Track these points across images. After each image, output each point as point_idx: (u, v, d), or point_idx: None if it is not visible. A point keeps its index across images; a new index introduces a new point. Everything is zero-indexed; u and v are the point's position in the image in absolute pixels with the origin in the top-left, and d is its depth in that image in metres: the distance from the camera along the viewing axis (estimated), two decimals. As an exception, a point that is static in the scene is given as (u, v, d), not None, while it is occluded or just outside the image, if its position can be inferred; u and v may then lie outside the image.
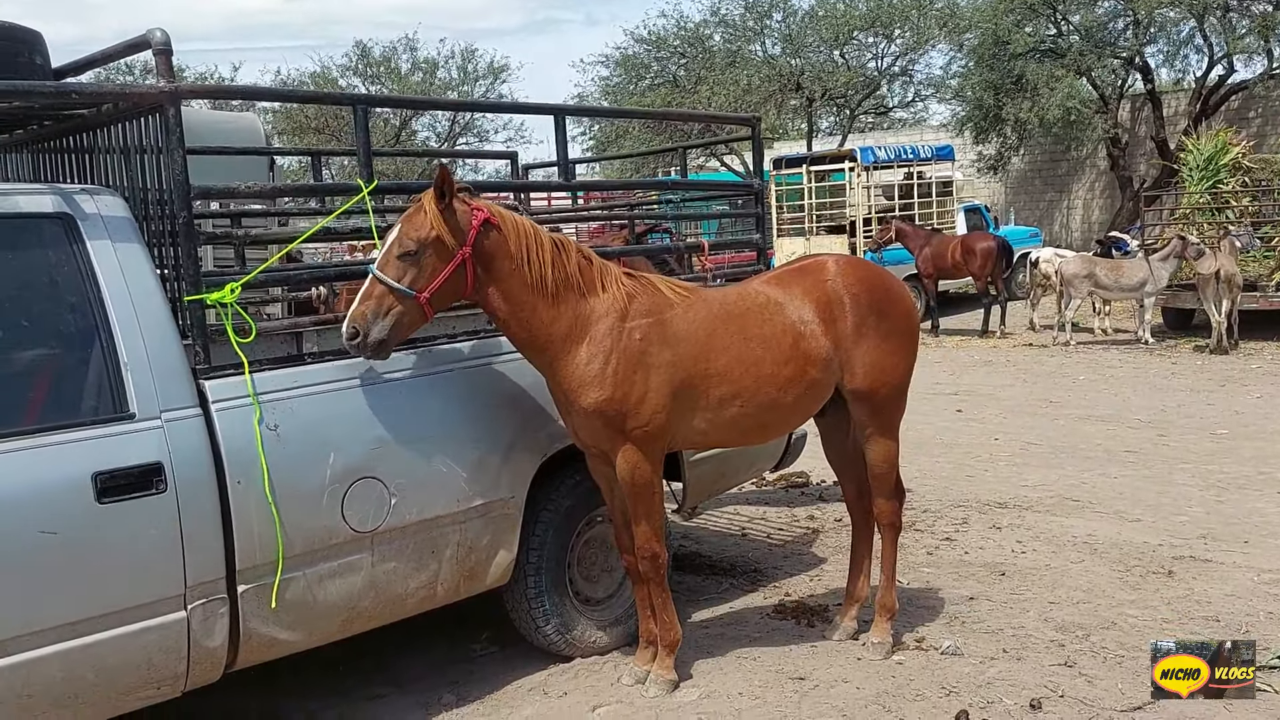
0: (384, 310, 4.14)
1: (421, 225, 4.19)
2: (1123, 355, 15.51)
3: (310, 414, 4.19)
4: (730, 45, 31.72)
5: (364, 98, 4.57)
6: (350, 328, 4.13)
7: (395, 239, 4.21)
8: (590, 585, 5.32)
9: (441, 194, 4.20)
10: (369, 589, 4.35)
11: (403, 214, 4.33)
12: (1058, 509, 7.73)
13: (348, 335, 4.13)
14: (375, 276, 4.17)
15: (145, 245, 4.03)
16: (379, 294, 4.16)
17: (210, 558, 3.89)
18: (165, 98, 3.93)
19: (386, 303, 4.15)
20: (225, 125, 10.11)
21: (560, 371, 4.47)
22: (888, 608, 5.22)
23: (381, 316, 4.14)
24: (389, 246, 4.21)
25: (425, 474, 4.45)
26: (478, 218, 4.28)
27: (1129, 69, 26.48)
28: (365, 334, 4.11)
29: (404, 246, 4.17)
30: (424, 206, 4.21)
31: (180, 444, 3.83)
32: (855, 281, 4.92)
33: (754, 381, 4.67)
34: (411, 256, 4.17)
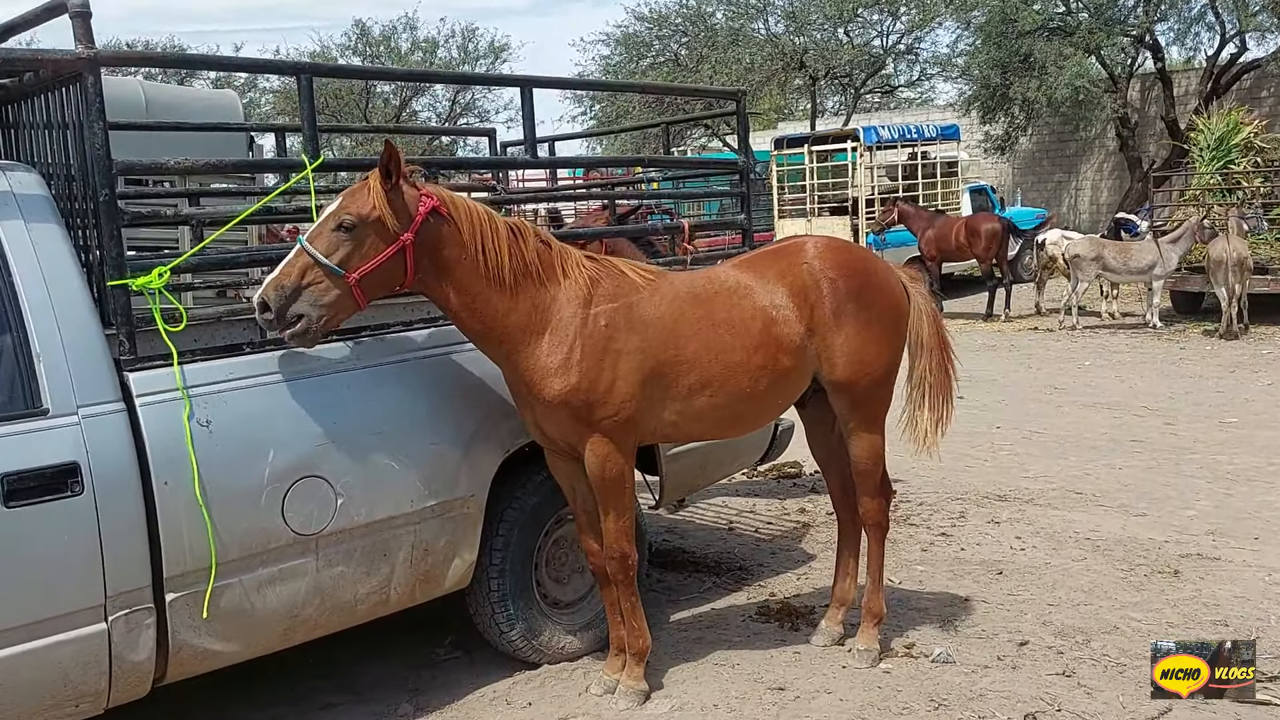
0: (305, 285, 3.80)
1: (363, 202, 3.87)
2: (1130, 340, 15.15)
3: (247, 408, 3.89)
4: (733, 23, 31.31)
5: (308, 66, 4.25)
6: (260, 298, 3.79)
7: (332, 211, 3.89)
8: (559, 587, 5.01)
9: (388, 173, 3.88)
10: (313, 596, 4.05)
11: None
12: (1060, 502, 7.41)
13: (258, 307, 3.80)
14: (302, 247, 3.82)
15: (64, 226, 3.72)
16: (302, 266, 3.81)
17: (133, 565, 3.60)
18: (84, 65, 3.61)
19: (310, 277, 3.80)
20: (200, 102, 9.81)
21: (521, 363, 4.16)
22: (874, 612, 4.91)
23: (301, 293, 3.79)
24: (324, 219, 3.89)
25: (375, 472, 4.15)
26: (425, 204, 3.96)
27: (1139, 47, 26.03)
28: (279, 310, 3.77)
29: (340, 220, 3.85)
30: (368, 183, 3.90)
31: (100, 442, 3.54)
32: (834, 265, 4.59)
33: (723, 369, 4.36)
34: (347, 232, 3.84)
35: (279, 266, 3.84)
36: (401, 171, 3.91)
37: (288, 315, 3.78)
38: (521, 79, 4.93)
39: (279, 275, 3.80)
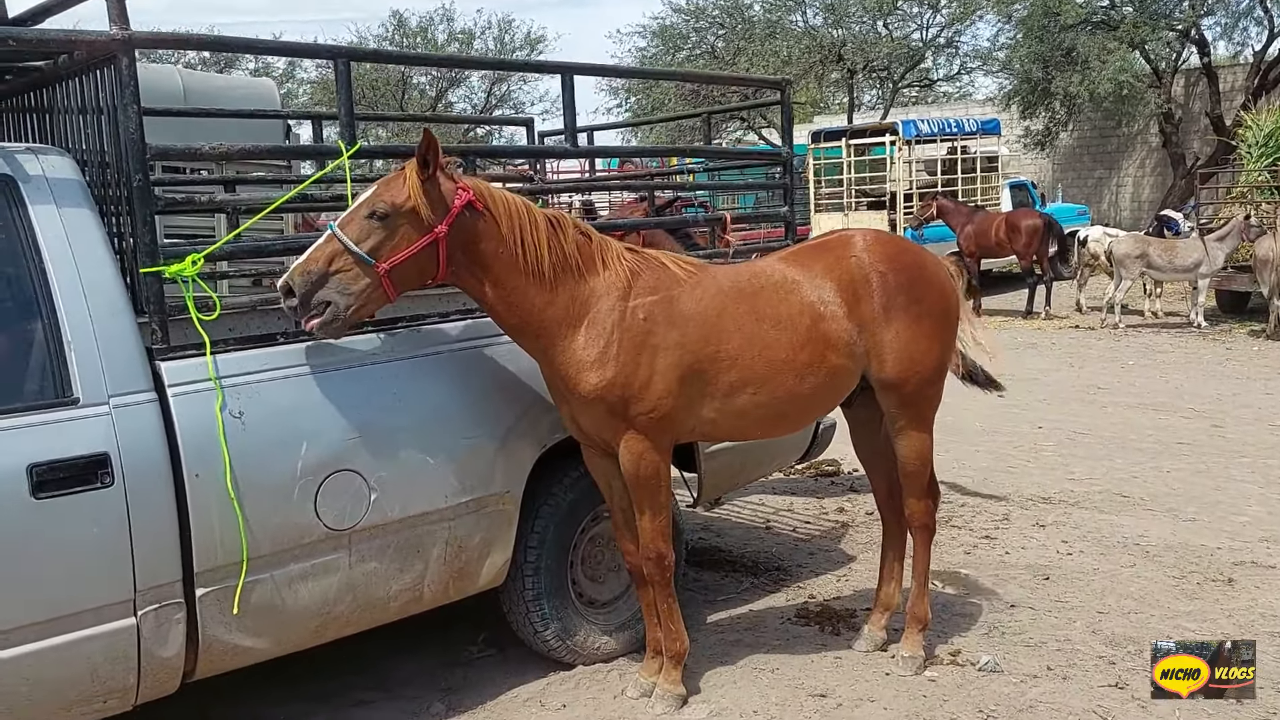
0: (333, 272, 3.67)
1: (398, 191, 3.75)
2: (1174, 339, 14.87)
3: (281, 400, 3.79)
4: (770, 15, 31.04)
5: (345, 50, 4.14)
6: (285, 283, 3.67)
7: (366, 198, 3.77)
8: (595, 586, 4.90)
9: (425, 163, 3.77)
10: (346, 592, 3.96)
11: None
12: (1106, 505, 7.23)
13: (281, 292, 3.68)
14: (333, 233, 3.70)
15: (97, 211, 3.63)
16: (331, 253, 3.68)
17: (164, 559, 3.51)
18: (118, 46, 3.51)
19: (339, 264, 3.68)
20: (238, 91, 9.74)
21: (557, 357, 4.05)
22: (920, 618, 4.77)
23: (329, 279, 3.67)
24: (357, 205, 3.78)
25: (410, 466, 4.05)
26: (461, 198, 3.84)
27: (1184, 42, 25.59)
28: (303, 296, 3.64)
29: (374, 207, 3.73)
30: (404, 172, 3.79)
31: (130, 432, 3.45)
32: (883, 258, 4.44)
33: (767, 367, 4.22)
34: (380, 220, 3.72)
35: (307, 251, 3.74)
36: (439, 162, 3.80)
37: (312, 302, 3.67)
38: (562, 65, 4.82)
39: (306, 260, 3.70)
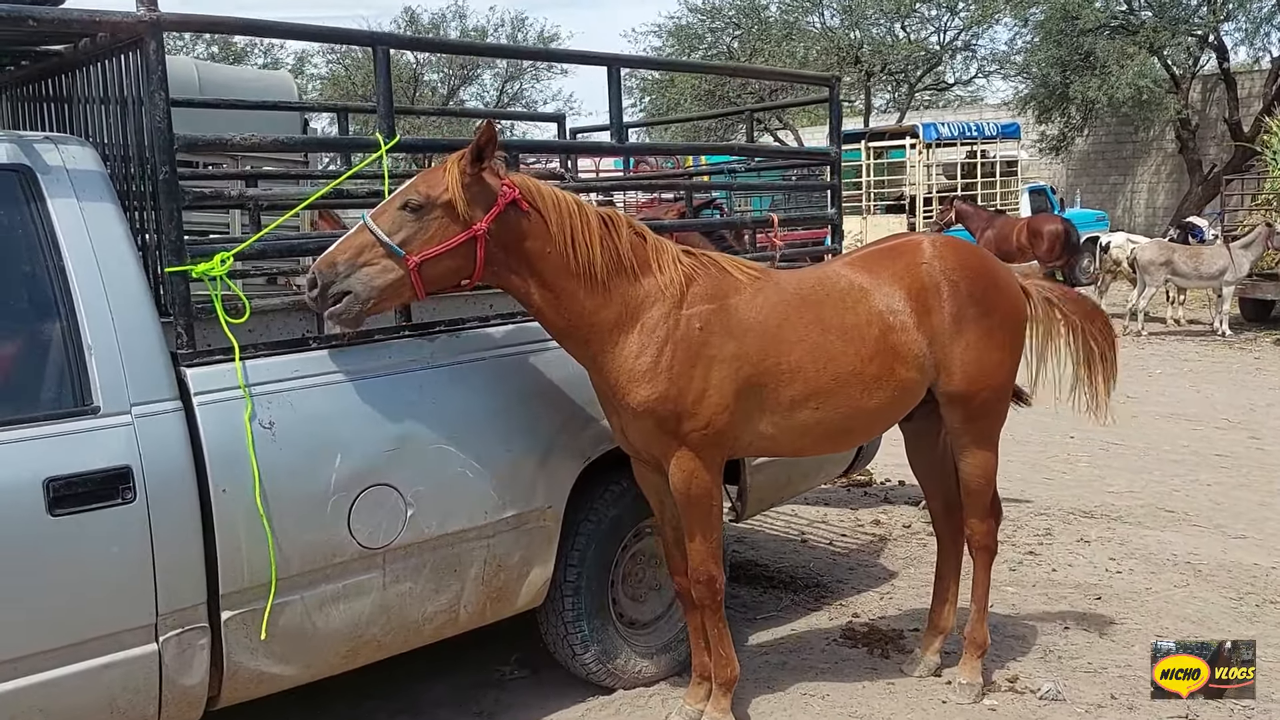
0: (361, 264, 3.45)
1: (436, 182, 3.52)
2: (1199, 347, 14.61)
3: (313, 409, 3.55)
4: (787, 16, 30.76)
5: (385, 36, 3.91)
6: (311, 275, 3.46)
7: (402, 190, 3.55)
8: (636, 606, 4.66)
9: (479, 156, 3.52)
10: (379, 614, 3.72)
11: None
12: (1150, 520, 6.98)
13: (306, 284, 3.49)
14: (364, 224, 3.49)
15: (119, 206, 3.39)
16: (361, 244, 3.47)
17: (188, 580, 3.27)
18: (145, 29, 3.27)
19: (367, 256, 3.45)
20: (255, 83, 9.53)
21: (606, 365, 3.80)
22: (978, 643, 4.52)
23: (356, 271, 3.44)
24: (392, 197, 3.56)
25: (448, 480, 3.81)
26: (506, 195, 3.58)
27: (1204, 47, 25.31)
28: (326, 286, 3.42)
29: (408, 198, 3.50)
30: (446, 164, 3.55)
31: (154, 444, 3.21)
32: (955, 266, 4.20)
33: (832, 380, 3.97)
34: (413, 212, 3.49)
35: (337, 242, 3.53)
36: (493, 156, 3.57)
37: (331, 293, 3.44)
38: (608, 57, 4.56)
39: (334, 251, 3.47)
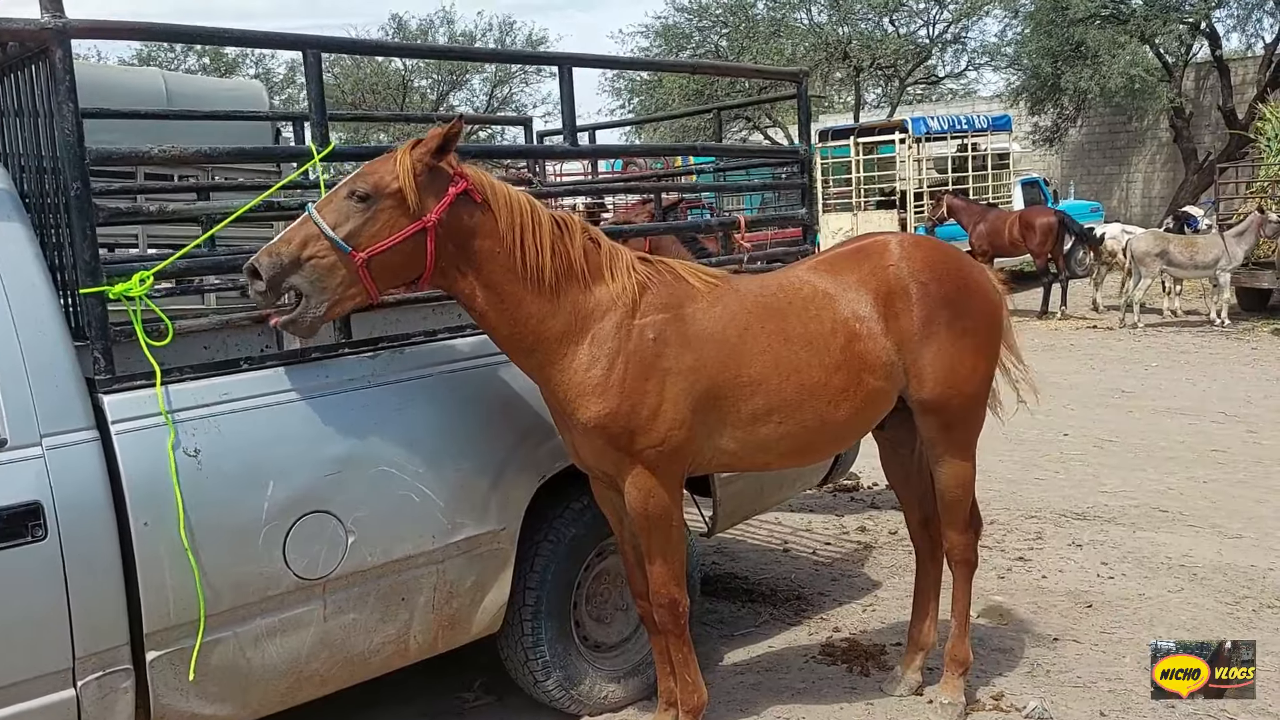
0: (306, 258, 3.24)
1: (385, 171, 3.32)
2: (1196, 339, 14.41)
3: (242, 434, 3.35)
4: (775, 13, 30.58)
5: (315, 40, 3.68)
6: (251, 264, 3.23)
7: (349, 179, 3.36)
8: (601, 628, 4.47)
9: (443, 148, 3.34)
10: (320, 648, 3.53)
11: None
12: (1145, 521, 6.78)
13: (247, 274, 3.25)
14: (309, 215, 3.29)
15: (28, 224, 3.20)
16: (304, 237, 3.26)
17: (107, 621, 3.09)
18: (50, 36, 3.09)
19: (311, 250, 3.25)
20: (224, 93, 9.33)
21: (554, 378, 3.60)
22: (959, 660, 4.33)
23: (301, 265, 3.23)
24: (339, 186, 3.36)
25: (392, 505, 3.62)
26: (457, 185, 3.39)
27: (1196, 35, 25.11)
28: (271, 279, 3.21)
29: (353, 188, 3.31)
30: (396, 153, 3.34)
31: (67, 477, 3.02)
32: (924, 267, 3.99)
33: (796, 392, 3.77)
34: (360, 202, 3.29)
35: (280, 234, 3.31)
36: (452, 149, 3.39)
37: (281, 287, 3.23)
38: (560, 56, 4.37)
39: (277, 242, 3.26)
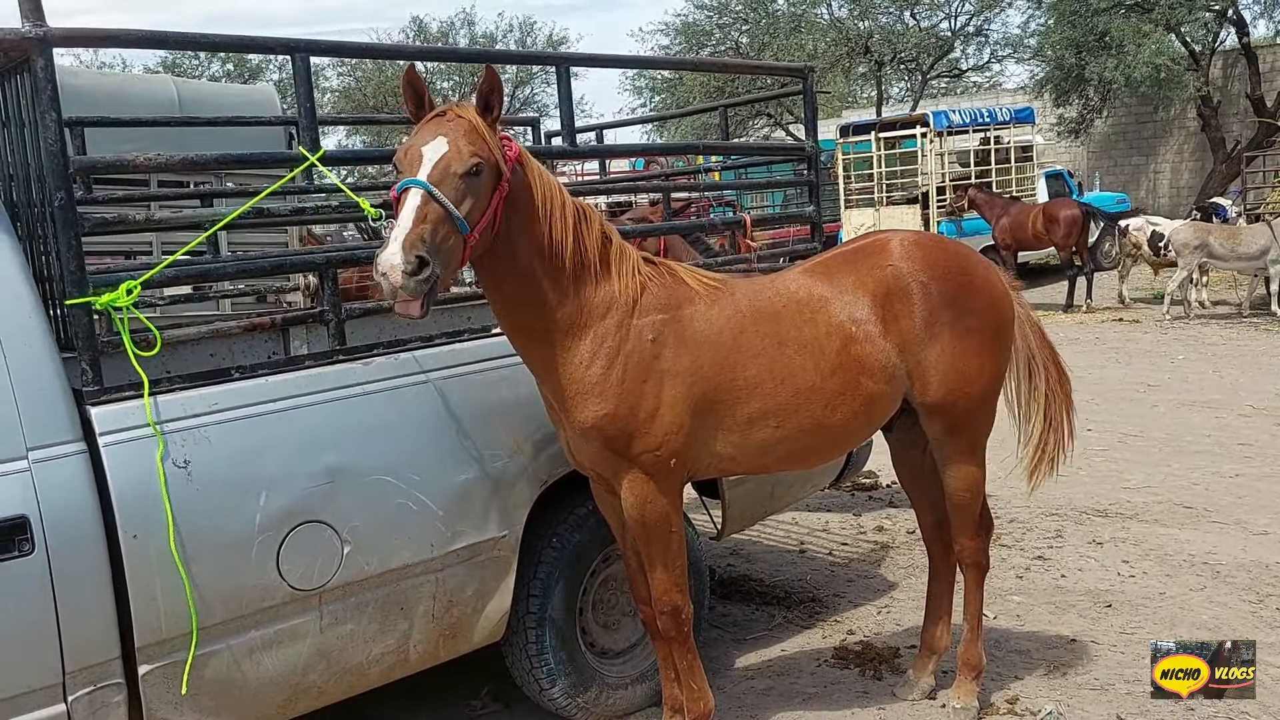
0: (439, 240, 2.96)
1: (476, 139, 3.07)
2: (1224, 331, 14.20)
3: (233, 444, 3.31)
4: (795, 9, 30.44)
5: (303, 44, 3.63)
6: (411, 257, 2.86)
7: (449, 152, 3.03)
8: (608, 634, 4.41)
9: (488, 105, 3.15)
10: (317, 659, 3.48)
11: (425, 122, 3.15)
12: (1168, 518, 6.66)
13: (410, 268, 2.86)
14: (429, 193, 2.96)
15: (14, 235, 3.17)
16: (436, 218, 2.96)
17: (97, 635, 3.05)
18: (31, 45, 3.06)
19: (443, 232, 2.97)
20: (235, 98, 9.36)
21: (555, 372, 3.50)
22: (972, 664, 4.24)
23: (439, 251, 2.95)
24: (441, 159, 3.02)
25: (389, 514, 3.57)
26: (512, 149, 3.25)
27: (1222, 22, 24.77)
28: (433, 266, 2.90)
29: (467, 163, 3.03)
30: (465, 116, 3.10)
31: (54, 490, 2.99)
32: (924, 266, 3.90)
33: (791, 396, 3.69)
34: (472, 180, 3.05)
35: (408, 215, 2.94)
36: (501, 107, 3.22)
37: (434, 276, 2.94)
38: (557, 56, 4.33)
39: (414, 228, 2.92)
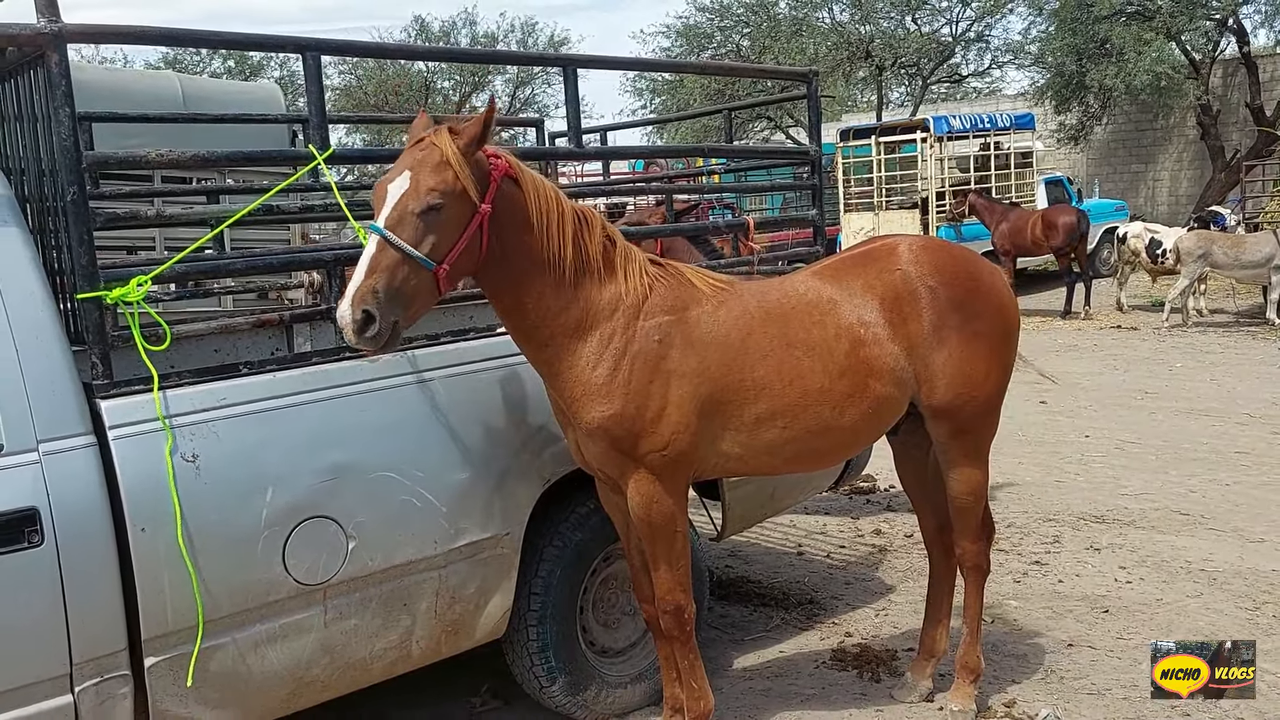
0: (398, 285, 3.08)
1: (442, 171, 3.16)
2: (1222, 339, 14.23)
3: (241, 439, 3.34)
4: (796, 12, 30.40)
5: (314, 42, 3.66)
6: (358, 313, 3.01)
7: (408, 190, 3.14)
8: (608, 633, 4.44)
9: (484, 138, 3.22)
10: (321, 654, 3.51)
11: (406, 150, 3.27)
12: (1165, 525, 6.69)
13: (356, 325, 3.01)
14: (384, 239, 3.09)
15: (26, 229, 3.20)
16: (391, 264, 3.08)
17: (105, 627, 3.08)
18: (47, 41, 3.08)
19: (401, 275, 3.09)
20: (240, 95, 9.37)
21: (562, 374, 3.54)
22: (970, 668, 4.27)
23: (396, 295, 3.08)
24: (399, 199, 3.14)
25: (394, 510, 3.60)
26: (498, 167, 3.30)
27: (1223, 31, 24.83)
28: (381, 321, 3.03)
29: (424, 200, 3.12)
30: (438, 145, 3.19)
31: (64, 483, 3.02)
32: (933, 270, 3.93)
33: (799, 397, 3.71)
34: (434, 213, 3.14)
35: (362, 269, 3.08)
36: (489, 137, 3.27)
37: (385, 327, 3.07)
38: (564, 58, 4.34)
39: (368, 279, 3.04)
